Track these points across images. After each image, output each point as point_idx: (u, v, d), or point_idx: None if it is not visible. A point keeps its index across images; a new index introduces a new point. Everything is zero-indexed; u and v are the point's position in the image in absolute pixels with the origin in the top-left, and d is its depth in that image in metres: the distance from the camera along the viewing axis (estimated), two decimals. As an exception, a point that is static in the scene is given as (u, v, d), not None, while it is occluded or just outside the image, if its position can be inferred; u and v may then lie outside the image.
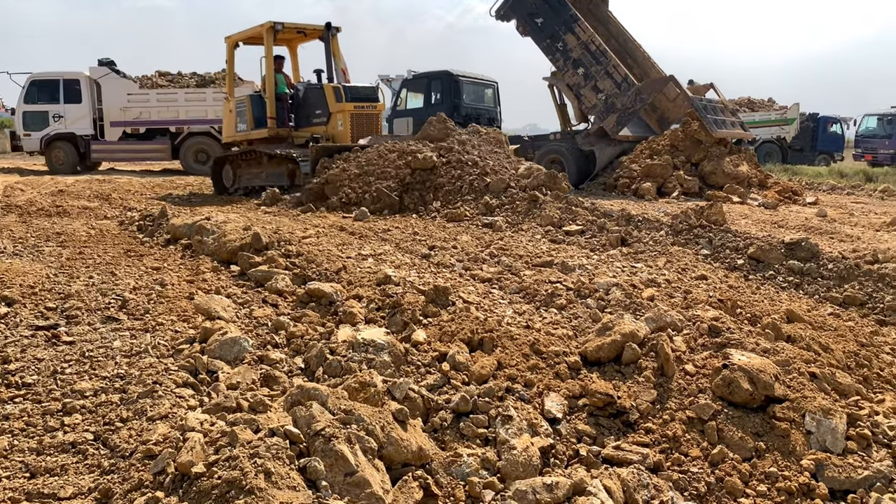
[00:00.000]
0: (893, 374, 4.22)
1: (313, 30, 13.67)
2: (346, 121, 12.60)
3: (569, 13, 15.19)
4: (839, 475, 3.06)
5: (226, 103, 14.50)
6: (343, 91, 12.69)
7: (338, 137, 12.58)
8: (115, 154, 19.91)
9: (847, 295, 5.73)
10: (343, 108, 12.61)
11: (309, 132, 13.04)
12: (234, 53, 13.91)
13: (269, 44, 13.01)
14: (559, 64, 15.65)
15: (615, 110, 14.81)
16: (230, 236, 6.10)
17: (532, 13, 15.65)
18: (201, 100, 19.29)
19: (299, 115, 13.48)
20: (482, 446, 3.15)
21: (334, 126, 12.74)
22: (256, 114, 13.51)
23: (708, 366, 3.67)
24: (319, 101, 12.96)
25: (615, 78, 14.75)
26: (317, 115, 13.06)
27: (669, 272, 5.83)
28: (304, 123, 13.35)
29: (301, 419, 2.78)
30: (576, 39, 15.12)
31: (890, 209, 12.36)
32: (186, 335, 4.09)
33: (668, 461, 3.15)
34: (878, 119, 27.33)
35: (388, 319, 4.33)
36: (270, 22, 12.79)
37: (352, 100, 12.71)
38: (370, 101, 13.07)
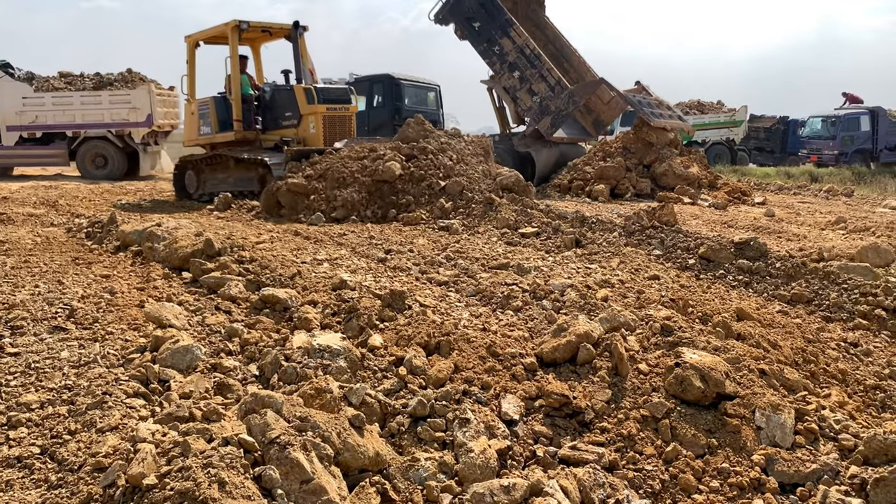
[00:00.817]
0: (839, 370, 4.35)
1: (280, 29, 13.21)
2: (319, 123, 12.19)
3: (504, 17, 15.47)
4: (788, 469, 3.13)
5: (187, 105, 13.93)
6: (315, 92, 12.24)
7: (309, 140, 12.20)
8: (12, 160, 19.19)
9: (794, 293, 5.88)
10: (315, 111, 12.18)
11: (278, 135, 12.59)
12: (195, 53, 13.35)
13: (234, 43, 12.54)
14: (496, 67, 15.96)
15: (549, 112, 15.12)
16: (182, 242, 5.99)
17: (469, 17, 15.87)
18: (97, 103, 18.56)
19: (267, 118, 12.95)
20: (440, 450, 3.15)
21: (306, 128, 12.30)
22: (221, 116, 12.97)
23: (661, 364, 3.73)
24: (289, 103, 12.49)
25: (549, 81, 15.11)
26: (286, 118, 12.57)
27: (623, 273, 5.91)
28: (272, 126, 12.85)
29: (255, 427, 2.75)
30: (511, 43, 15.43)
31: (834, 208, 12.72)
32: (137, 344, 4.00)
33: (623, 460, 3.19)
34: (822, 121, 28.07)
35: (344, 324, 4.30)
36: (235, 20, 12.36)
37: (324, 101, 12.27)
38: (342, 103, 12.64)
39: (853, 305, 5.65)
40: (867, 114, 27.13)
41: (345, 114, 12.53)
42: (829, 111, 28.50)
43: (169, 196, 13.77)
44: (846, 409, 3.69)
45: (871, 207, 13.16)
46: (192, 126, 13.71)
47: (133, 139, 18.68)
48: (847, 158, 26.28)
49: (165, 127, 19.63)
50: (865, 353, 4.83)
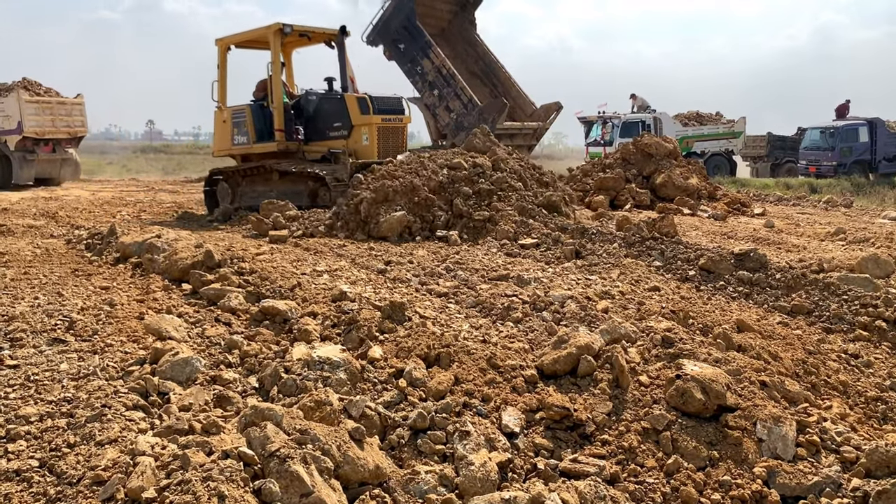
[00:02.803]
0: (840, 381, 4.34)
1: (321, 34, 12.31)
2: (373, 134, 11.28)
3: (424, 40, 16.20)
4: (790, 482, 3.12)
5: (218, 113, 12.84)
6: (370, 102, 11.31)
7: (361, 152, 11.27)
8: None
9: (794, 304, 5.87)
10: (369, 121, 11.25)
11: (325, 146, 11.62)
12: (226, 57, 12.51)
13: (276, 48, 11.65)
14: (418, 86, 16.78)
15: (463, 128, 15.68)
16: (181, 254, 5.99)
17: (395, 39, 16.64)
18: None
19: (311, 128, 12.00)
20: (440, 463, 3.14)
21: (357, 140, 11.36)
22: (258, 125, 12.11)
23: (662, 376, 3.72)
24: (339, 113, 11.55)
25: (462, 99, 15.91)
26: (335, 128, 11.65)
27: (623, 284, 5.90)
28: (316, 136, 11.91)
29: (255, 440, 2.74)
30: (431, 64, 16.20)
31: (834, 219, 12.73)
32: (136, 356, 3.99)
33: (624, 472, 3.18)
34: (820, 132, 28.11)
35: (343, 336, 4.29)
36: (279, 23, 11.51)
37: (379, 112, 11.35)
38: (397, 114, 11.74)
39: (854, 317, 5.65)
40: (865, 125, 27.21)
41: (398, 125, 11.76)
42: (827, 122, 28.57)
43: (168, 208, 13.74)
44: (848, 421, 3.68)
45: (870, 218, 13.17)
46: (224, 135, 12.73)
47: (7, 147, 18.47)
48: (846, 169, 26.33)
49: (45, 134, 19.08)
50: (866, 364, 4.83)
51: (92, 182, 21.76)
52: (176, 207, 13.52)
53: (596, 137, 28.05)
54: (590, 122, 28.83)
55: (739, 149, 28.48)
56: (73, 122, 19.81)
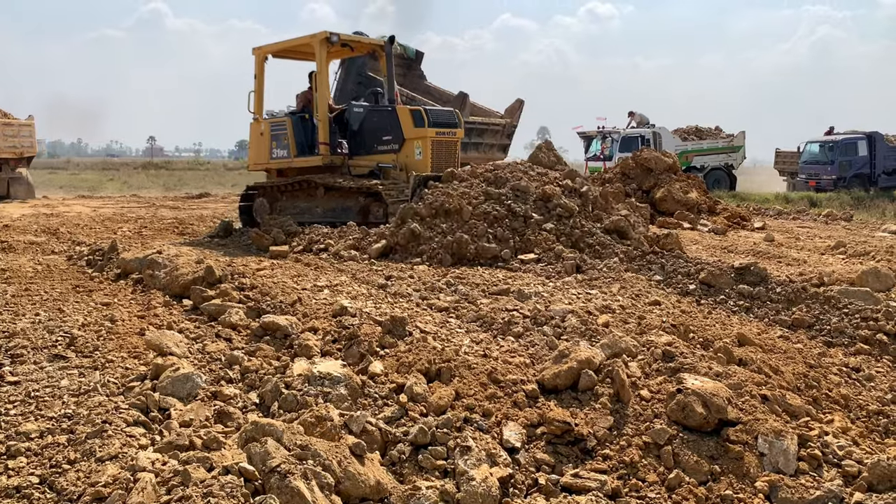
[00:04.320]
0: (841, 395, 4.33)
1: (367, 44, 11.87)
2: (427, 149, 10.68)
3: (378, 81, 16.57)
4: (792, 496, 3.11)
5: (254, 125, 12.30)
6: (425, 114, 10.75)
7: (413, 167, 10.69)
8: None
9: (795, 317, 5.87)
10: (424, 135, 10.67)
11: (373, 160, 11.12)
12: (263, 67, 12.00)
13: (322, 58, 11.20)
14: None
15: None
16: (182, 270, 6.00)
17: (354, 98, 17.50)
18: None
19: (356, 141, 11.43)
20: (441, 478, 3.13)
21: (409, 154, 10.82)
22: (300, 138, 11.61)
23: (663, 391, 3.72)
24: (389, 125, 11.01)
25: None
26: (384, 142, 11.08)
27: (623, 298, 5.90)
28: (363, 150, 11.34)
29: (256, 456, 2.74)
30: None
31: (834, 233, 12.75)
32: (137, 372, 3.99)
33: (625, 487, 3.17)
34: (819, 146, 28.21)
35: (344, 351, 4.29)
36: (326, 32, 11.05)
37: (434, 125, 10.76)
38: (451, 127, 11.13)
39: (854, 330, 5.64)
40: (864, 139, 27.29)
41: (452, 139, 11.17)
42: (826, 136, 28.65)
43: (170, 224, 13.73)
44: (849, 435, 3.67)
45: (870, 232, 13.19)
46: (261, 148, 12.19)
47: None
48: (845, 183, 26.38)
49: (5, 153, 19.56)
50: (867, 378, 4.81)
51: (93, 198, 21.82)
52: (177, 223, 13.53)
53: (595, 152, 28.16)
54: (589, 136, 28.97)
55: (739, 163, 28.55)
56: (21, 143, 20.14)
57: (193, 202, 20.74)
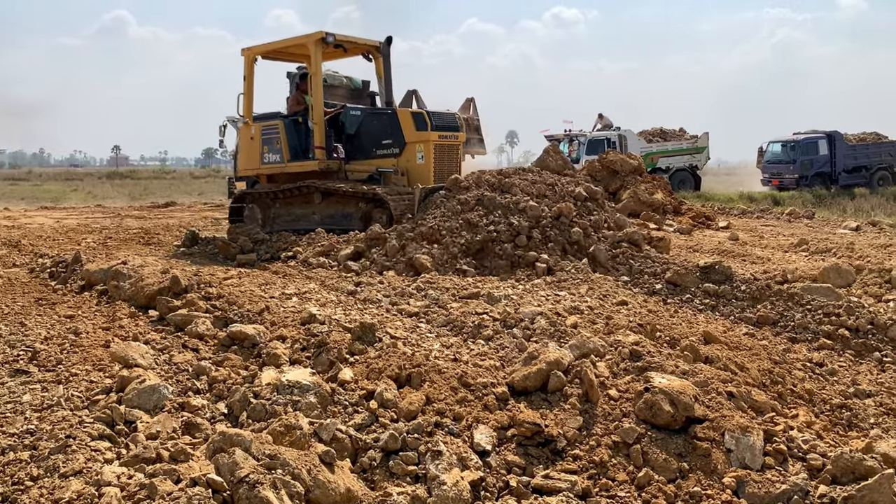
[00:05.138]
0: (805, 390, 4.41)
1: (362, 45, 11.39)
2: (429, 153, 10.28)
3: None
4: (759, 491, 3.15)
5: (244, 129, 11.81)
6: (428, 117, 10.38)
7: (415, 172, 10.35)
8: None
9: (760, 315, 5.97)
10: (427, 138, 10.28)
11: (372, 165, 10.73)
12: (253, 69, 11.52)
13: (317, 59, 10.75)
14: None
15: None
16: (148, 280, 5.92)
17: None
18: None
19: (353, 145, 11.07)
20: (412, 484, 3.12)
21: (411, 159, 10.44)
22: (293, 142, 11.16)
23: (630, 390, 3.75)
24: (389, 129, 10.65)
25: None
26: (383, 146, 10.71)
27: (591, 299, 5.95)
28: (361, 155, 10.98)
29: (224, 467, 2.71)
30: None
31: (796, 231, 12.99)
32: (102, 385, 3.93)
33: (596, 487, 3.19)
34: (782, 145, 28.73)
35: (313, 359, 4.26)
36: (321, 32, 10.62)
37: (436, 128, 10.35)
38: (453, 130, 10.72)
39: (817, 326, 5.75)
40: (825, 138, 27.86)
41: (455, 143, 10.82)
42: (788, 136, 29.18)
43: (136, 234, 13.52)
44: (814, 429, 3.74)
45: (831, 229, 13.46)
46: (251, 153, 11.67)
47: None
48: (807, 182, 26.91)
49: None
50: (831, 372, 4.91)
51: (56, 209, 21.45)
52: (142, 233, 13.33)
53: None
54: (557, 139, 29.18)
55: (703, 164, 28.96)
56: None
57: (159, 211, 20.48)
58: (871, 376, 5.07)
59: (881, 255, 9.03)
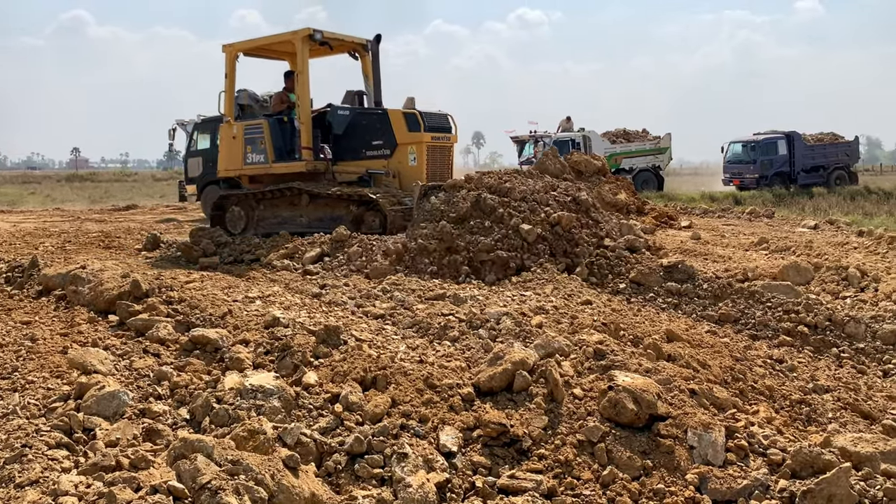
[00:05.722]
0: (766, 386, 4.48)
1: (349, 43, 11.07)
2: (422, 154, 10.04)
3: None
4: (721, 486, 3.20)
5: (225, 128, 11.36)
6: (420, 118, 10.12)
7: (407, 174, 10.08)
8: None
9: (722, 313, 6.06)
10: (419, 139, 10.05)
11: (361, 166, 10.43)
12: (235, 66, 11.18)
13: (304, 56, 10.46)
14: None
15: None
16: (107, 285, 5.81)
17: None
18: None
19: (341, 146, 10.75)
20: (378, 486, 3.11)
21: (402, 160, 10.16)
22: (278, 142, 10.83)
23: (595, 388, 3.78)
24: (379, 129, 10.36)
25: None
26: (373, 146, 10.42)
27: (557, 299, 5.98)
28: (349, 156, 10.67)
29: (185, 473, 2.67)
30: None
31: (757, 229, 13.19)
32: (60, 392, 3.84)
33: (561, 486, 3.21)
34: (742, 146, 29.21)
35: (277, 363, 4.22)
36: (308, 29, 10.33)
37: (429, 129, 10.13)
38: (445, 132, 10.53)
39: (777, 323, 5.86)
40: (784, 138, 28.39)
41: (447, 144, 10.64)
42: (748, 136, 29.68)
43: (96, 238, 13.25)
44: (774, 425, 3.80)
45: (790, 228, 13.70)
46: (233, 153, 11.24)
47: None
48: (767, 181, 27.40)
49: None
50: (790, 368, 5.00)
51: (13, 213, 20.96)
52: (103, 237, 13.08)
53: (528, 156, 28.54)
54: (522, 141, 29.35)
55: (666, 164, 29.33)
56: None
57: (120, 214, 20.13)
58: (829, 372, 5.18)
59: (838, 253, 9.22)
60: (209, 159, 18.37)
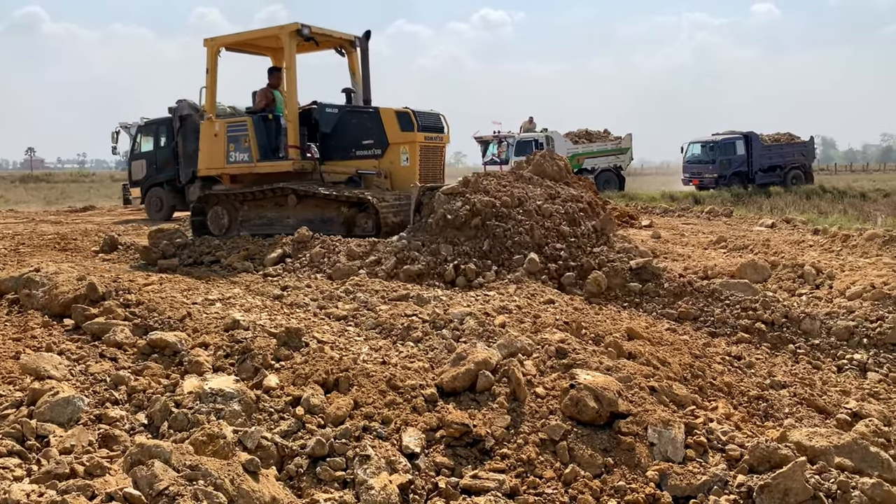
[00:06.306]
0: (724, 383, 4.55)
1: (337, 39, 10.77)
2: (415, 155, 9.75)
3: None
4: (681, 483, 3.24)
5: (206, 125, 10.96)
6: (414, 117, 9.80)
7: (399, 175, 9.82)
8: None
9: (681, 311, 6.14)
10: (413, 139, 9.74)
11: (351, 166, 10.10)
12: (217, 61, 10.80)
13: (291, 52, 10.11)
14: None
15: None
16: (62, 288, 5.67)
17: None
18: None
19: (329, 145, 10.40)
20: (340, 489, 3.09)
21: (394, 160, 9.86)
22: (263, 140, 10.43)
23: (557, 387, 3.80)
24: (370, 128, 10.05)
25: None
26: (364, 146, 10.11)
27: (520, 298, 6.00)
28: (338, 155, 10.32)
29: (142, 480, 2.62)
30: None
31: (716, 228, 13.41)
32: (12, 399, 3.73)
33: (524, 485, 3.22)
34: (701, 146, 29.67)
35: (237, 366, 4.17)
36: (297, 24, 9.97)
37: (422, 129, 9.82)
38: (438, 132, 10.23)
39: (736, 320, 5.96)
40: (742, 138, 28.90)
41: (439, 145, 10.35)
42: (707, 137, 30.15)
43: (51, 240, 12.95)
44: (732, 421, 3.86)
45: (748, 226, 13.96)
46: (215, 151, 10.82)
47: None
48: (725, 181, 27.86)
49: None
50: (748, 365, 5.09)
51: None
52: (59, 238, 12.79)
53: (492, 156, 28.64)
54: (486, 141, 29.41)
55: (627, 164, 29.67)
56: None
57: (77, 216, 19.70)
58: (785, 368, 5.28)
59: (794, 251, 9.42)
60: (153, 162, 18.53)
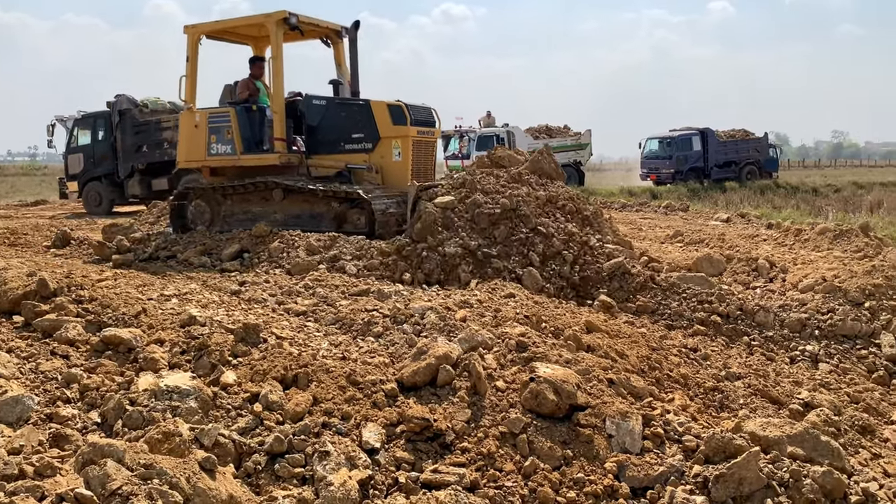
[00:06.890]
0: (681, 374, 4.62)
1: (324, 28, 10.47)
2: (407, 149, 9.53)
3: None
4: (638, 474, 3.28)
5: (186, 115, 10.63)
6: (406, 110, 9.55)
7: (389, 170, 9.61)
8: None
9: (639, 304, 6.21)
10: (405, 133, 9.51)
11: (340, 161, 9.83)
12: (197, 49, 10.43)
13: (277, 40, 9.81)
14: None
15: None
16: (11, 284, 5.51)
17: None
18: None
19: (317, 138, 10.11)
20: (299, 486, 3.06)
21: (385, 154, 9.62)
22: (246, 133, 10.12)
23: (517, 380, 3.81)
24: (360, 121, 9.78)
25: None
26: (353, 140, 9.83)
27: (481, 293, 6.01)
28: (326, 149, 10.03)
29: (94, 480, 2.55)
30: None
31: (672, 223, 13.63)
32: (-42, 399, 3.62)
33: (484, 479, 3.22)
34: (659, 142, 30.12)
35: (194, 363, 4.09)
36: (284, 12, 9.65)
37: (415, 123, 9.60)
38: (430, 126, 10.02)
39: (692, 313, 6.05)
40: (698, 135, 29.38)
41: (431, 139, 10.16)
42: (664, 133, 30.58)
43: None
44: (688, 412, 3.92)
45: (704, 221, 14.21)
46: (195, 142, 10.45)
47: None
48: (682, 176, 28.32)
49: None
50: (704, 357, 5.18)
51: None
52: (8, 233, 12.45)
53: (454, 151, 28.69)
54: (447, 136, 29.43)
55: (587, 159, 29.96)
56: None
57: (28, 210, 19.23)
58: (740, 359, 5.38)
59: (749, 245, 9.61)
60: (90, 156, 18.46)
